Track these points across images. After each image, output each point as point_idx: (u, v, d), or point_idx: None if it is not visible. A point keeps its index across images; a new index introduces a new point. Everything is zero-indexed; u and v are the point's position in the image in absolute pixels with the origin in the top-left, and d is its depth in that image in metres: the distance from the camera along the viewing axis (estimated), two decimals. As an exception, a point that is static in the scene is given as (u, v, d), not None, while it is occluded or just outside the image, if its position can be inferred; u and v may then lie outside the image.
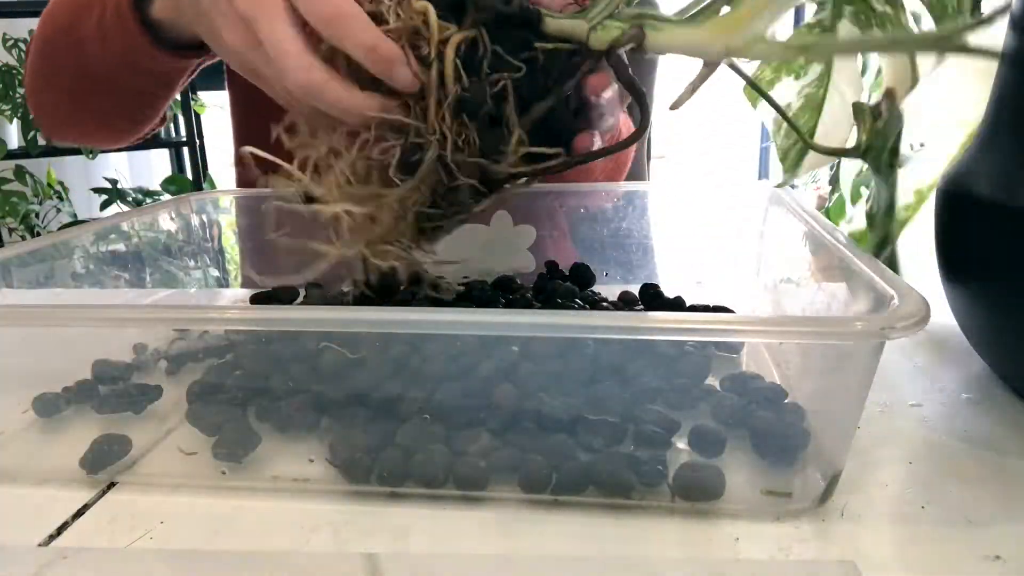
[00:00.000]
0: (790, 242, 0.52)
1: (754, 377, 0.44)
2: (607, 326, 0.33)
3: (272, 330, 0.44)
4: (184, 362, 0.49)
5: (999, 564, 0.31)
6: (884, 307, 0.32)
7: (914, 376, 0.49)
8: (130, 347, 0.50)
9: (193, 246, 0.68)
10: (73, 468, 0.39)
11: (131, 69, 0.53)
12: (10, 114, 2.06)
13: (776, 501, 0.35)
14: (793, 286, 0.52)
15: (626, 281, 0.65)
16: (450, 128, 0.38)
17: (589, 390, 0.39)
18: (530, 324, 0.33)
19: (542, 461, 0.36)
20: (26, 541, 0.34)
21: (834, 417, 0.37)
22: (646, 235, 0.66)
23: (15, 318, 0.38)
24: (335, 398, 0.40)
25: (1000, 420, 0.43)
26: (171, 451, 0.40)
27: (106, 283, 0.58)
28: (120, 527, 0.35)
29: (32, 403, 0.44)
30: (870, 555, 0.32)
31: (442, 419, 0.38)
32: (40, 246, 0.50)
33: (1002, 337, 0.44)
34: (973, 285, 0.44)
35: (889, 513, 0.35)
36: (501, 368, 0.39)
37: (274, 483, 0.38)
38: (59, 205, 2.26)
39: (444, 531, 0.34)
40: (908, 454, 0.40)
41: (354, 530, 0.34)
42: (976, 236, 0.43)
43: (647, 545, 0.33)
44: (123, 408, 0.43)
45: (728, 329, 0.32)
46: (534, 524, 0.35)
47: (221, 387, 0.42)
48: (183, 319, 0.40)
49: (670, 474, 0.35)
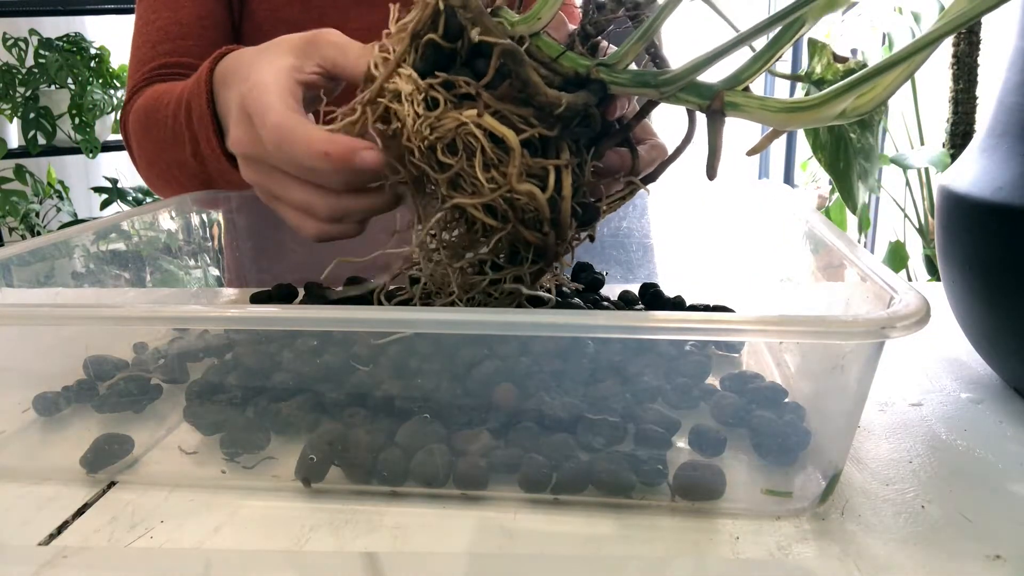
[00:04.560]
0: (790, 242, 0.52)
1: (754, 377, 0.44)
2: (607, 326, 0.33)
3: (272, 330, 0.44)
4: (184, 361, 0.49)
5: (999, 564, 0.31)
6: (884, 307, 0.32)
7: (914, 376, 0.49)
8: (130, 347, 0.50)
9: (193, 246, 0.68)
10: (73, 467, 0.39)
11: (228, 179, 0.58)
12: (10, 114, 2.06)
13: (776, 501, 0.35)
14: (793, 286, 0.52)
15: (626, 281, 0.65)
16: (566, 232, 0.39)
17: (589, 389, 0.39)
18: (530, 324, 0.33)
19: (542, 460, 0.36)
20: (26, 540, 0.34)
21: (834, 417, 0.37)
22: (646, 235, 0.66)
23: (15, 318, 0.38)
24: (335, 398, 0.40)
25: (1000, 420, 0.43)
26: (171, 450, 0.40)
27: (106, 283, 0.58)
28: (120, 526, 0.35)
29: (32, 402, 0.44)
30: (870, 555, 0.32)
31: (442, 419, 0.38)
32: (40, 245, 0.50)
33: (1002, 337, 0.44)
34: (973, 285, 0.44)
35: (889, 513, 0.35)
36: (502, 368, 0.39)
37: (274, 483, 0.38)
38: (59, 204, 2.26)
39: (444, 531, 0.34)
40: (908, 454, 0.40)
41: (354, 530, 0.34)
42: (976, 236, 0.43)
43: (647, 545, 0.33)
44: (123, 407, 0.43)
45: (728, 329, 0.32)
46: (534, 524, 0.35)
47: (221, 386, 0.42)
48: (183, 319, 0.40)
49: (670, 473, 0.35)
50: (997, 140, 0.43)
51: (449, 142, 0.36)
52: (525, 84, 0.36)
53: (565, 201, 0.37)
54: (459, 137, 0.36)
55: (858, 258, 0.38)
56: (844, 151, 0.41)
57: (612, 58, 0.37)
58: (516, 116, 0.36)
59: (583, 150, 0.39)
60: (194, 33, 0.73)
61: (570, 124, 0.37)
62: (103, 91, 2.08)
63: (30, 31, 2.05)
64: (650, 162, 0.46)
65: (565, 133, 0.37)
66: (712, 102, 0.35)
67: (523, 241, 0.38)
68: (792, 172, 2.57)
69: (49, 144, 2.10)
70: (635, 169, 0.43)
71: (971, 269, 0.43)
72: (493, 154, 0.36)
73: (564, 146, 0.37)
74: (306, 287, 0.56)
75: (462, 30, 0.36)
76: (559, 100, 0.36)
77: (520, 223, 0.37)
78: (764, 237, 0.60)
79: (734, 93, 0.35)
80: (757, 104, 0.34)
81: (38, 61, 2.04)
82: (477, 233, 0.40)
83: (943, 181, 0.46)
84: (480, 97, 0.36)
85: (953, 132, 1.80)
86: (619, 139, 0.41)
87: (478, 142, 0.35)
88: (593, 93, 0.37)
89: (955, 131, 1.79)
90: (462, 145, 0.36)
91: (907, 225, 1.96)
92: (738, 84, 0.35)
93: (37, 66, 2.04)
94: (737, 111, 0.35)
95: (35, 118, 2.05)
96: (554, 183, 0.36)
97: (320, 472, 0.37)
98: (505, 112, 0.36)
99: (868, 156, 0.42)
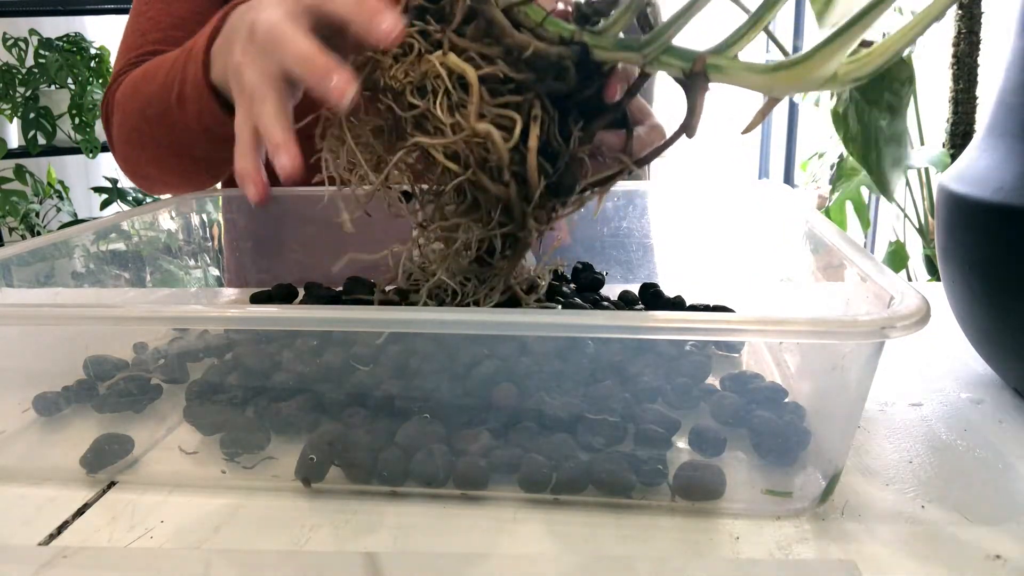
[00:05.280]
0: (790, 242, 0.52)
1: (754, 377, 0.44)
2: (607, 326, 0.33)
3: (272, 330, 0.44)
4: (184, 361, 0.49)
5: (999, 564, 0.31)
6: (884, 307, 0.32)
7: (914, 376, 0.49)
8: (130, 347, 0.50)
9: (193, 245, 0.68)
10: (73, 467, 0.39)
11: (208, 135, 0.55)
12: (10, 114, 2.06)
13: (776, 501, 0.35)
14: (793, 286, 0.52)
15: (626, 281, 0.65)
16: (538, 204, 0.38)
17: (589, 389, 0.39)
18: (530, 324, 0.33)
19: (542, 460, 0.36)
20: (26, 540, 0.34)
21: (834, 417, 0.37)
22: (646, 235, 0.66)
23: (15, 318, 0.38)
24: (335, 398, 0.40)
25: (1000, 420, 0.43)
26: (171, 450, 0.40)
27: (106, 282, 0.58)
28: (120, 526, 0.35)
29: (32, 402, 0.44)
30: (870, 555, 0.32)
31: (442, 418, 0.38)
32: (40, 245, 0.50)
33: (1002, 337, 0.44)
34: (973, 285, 0.44)
35: (889, 513, 0.35)
36: (502, 368, 0.39)
37: (274, 483, 0.38)
38: (59, 204, 2.26)
39: (444, 531, 0.34)
40: (908, 454, 0.40)
41: (354, 530, 0.34)
42: (976, 236, 0.43)
43: (647, 545, 0.33)
44: (123, 407, 0.43)
45: (728, 329, 0.32)
46: (534, 524, 0.35)
47: (221, 386, 0.42)
48: (183, 319, 0.40)
49: (670, 473, 0.35)
50: (997, 140, 0.43)
51: (418, 85, 0.36)
52: (490, 24, 0.36)
53: (531, 153, 0.36)
54: (429, 80, 0.36)
55: (858, 258, 0.38)
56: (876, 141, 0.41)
57: (601, 27, 0.37)
58: (482, 57, 0.36)
59: (570, 121, 0.38)
60: (187, 27, 0.71)
61: (544, 76, 0.37)
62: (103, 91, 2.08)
63: (30, 31, 2.05)
64: (648, 144, 0.45)
65: (537, 85, 0.37)
66: (694, 64, 0.35)
67: (484, 191, 0.38)
68: (792, 172, 2.57)
69: (49, 144, 2.10)
70: (627, 148, 0.42)
71: (971, 269, 0.43)
72: (456, 96, 0.36)
73: (535, 102, 0.37)
74: (306, 287, 0.56)
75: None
76: (526, 43, 0.35)
77: (481, 171, 0.37)
78: (764, 237, 0.60)
79: (717, 56, 0.34)
80: (741, 66, 0.34)
81: (38, 61, 2.04)
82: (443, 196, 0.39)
83: (943, 181, 0.46)
84: (446, 37, 0.36)
85: (953, 132, 1.79)
86: (612, 116, 0.40)
87: (442, 82, 0.35)
88: (572, 51, 0.36)
89: (955, 131, 1.79)
90: (431, 87, 0.36)
91: (907, 225, 1.96)
92: (724, 51, 0.35)
93: (37, 66, 2.04)
94: (720, 74, 0.35)
95: (35, 118, 2.05)
96: (520, 134, 0.36)
97: (320, 472, 0.37)
98: (472, 53, 0.36)
99: (900, 142, 0.42)
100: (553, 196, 0.39)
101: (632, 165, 0.41)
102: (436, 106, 0.36)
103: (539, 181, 0.37)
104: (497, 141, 0.35)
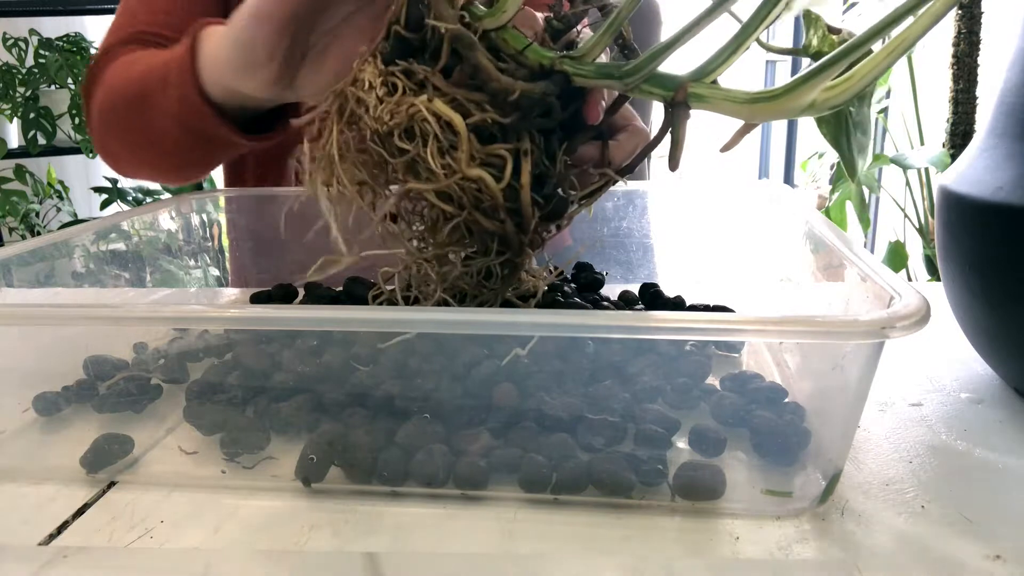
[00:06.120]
0: (790, 242, 0.52)
1: (754, 377, 0.44)
2: (607, 326, 0.33)
3: (272, 330, 0.44)
4: (184, 361, 0.49)
5: (999, 564, 0.31)
6: (884, 307, 0.32)
7: (914, 376, 0.49)
8: (130, 347, 0.50)
9: (193, 245, 0.68)
10: (73, 467, 0.39)
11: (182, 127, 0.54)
12: (10, 114, 2.06)
13: (776, 501, 0.35)
14: (793, 286, 0.52)
15: (626, 281, 0.65)
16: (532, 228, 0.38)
17: (589, 390, 0.39)
18: (530, 324, 0.33)
19: (542, 460, 0.36)
20: (26, 540, 0.34)
21: (834, 417, 0.37)
22: (646, 235, 0.66)
23: (15, 318, 0.38)
24: (335, 398, 0.40)
25: (1000, 420, 0.43)
26: (171, 450, 0.40)
27: (106, 282, 0.58)
28: (120, 526, 0.35)
29: (32, 402, 0.44)
30: (870, 555, 0.32)
31: (442, 419, 0.38)
32: (40, 245, 0.50)
33: (1002, 337, 0.44)
34: (973, 285, 0.44)
35: (889, 513, 0.35)
36: (502, 368, 0.39)
37: (274, 483, 0.38)
38: (59, 204, 2.26)
39: (444, 531, 0.34)
40: (908, 454, 0.40)
41: (354, 530, 0.34)
42: (976, 236, 0.43)
43: (647, 545, 0.33)
44: (123, 407, 0.43)
45: (728, 329, 0.32)
46: (534, 524, 0.35)
47: (221, 386, 0.42)
48: (183, 319, 0.40)
49: (670, 474, 0.35)
50: (997, 140, 0.43)
51: (406, 128, 0.36)
52: (476, 69, 0.36)
53: (524, 190, 0.36)
54: (416, 124, 0.36)
55: (858, 258, 0.38)
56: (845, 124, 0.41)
57: (580, 51, 0.37)
58: (469, 102, 0.36)
59: (554, 143, 0.39)
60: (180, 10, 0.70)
61: (529, 114, 0.37)
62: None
63: (30, 31, 2.05)
64: (631, 151, 0.45)
65: (524, 123, 0.37)
66: (676, 94, 0.35)
67: (481, 229, 0.38)
68: (792, 172, 2.57)
69: (49, 144, 2.10)
70: (604, 160, 0.42)
71: (971, 269, 0.43)
72: (445, 139, 0.35)
73: (524, 136, 0.37)
74: (306, 287, 0.56)
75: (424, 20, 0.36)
76: (512, 87, 0.36)
77: (476, 210, 0.37)
78: (764, 237, 0.60)
79: (699, 85, 0.35)
80: (722, 96, 0.34)
81: (38, 61, 2.04)
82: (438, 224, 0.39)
83: (943, 181, 0.46)
84: (429, 82, 0.36)
85: (953, 132, 1.79)
86: (592, 134, 0.40)
87: (431, 127, 0.35)
88: (555, 84, 0.36)
89: (955, 131, 1.79)
90: (419, 131, 0.36)
91: (907, 225, 1.96)
92: (706, 76, 0.35)
93: (37, 66, 2.04)
94: (702, 103, 0.35)
95: (35, 118, 2.05)
96: (511, 172, 0.36)
97: (320, 472, 0.37)
98: (458, 97, 0.36)
99: (864, 130, 0.42)
100: (545, 220, 0.39)
101: (615, 176, 0.41)
102: (427, 151, 0.36)
103: (533, 212, 0.37)
104: (491, 185, 0.36)
